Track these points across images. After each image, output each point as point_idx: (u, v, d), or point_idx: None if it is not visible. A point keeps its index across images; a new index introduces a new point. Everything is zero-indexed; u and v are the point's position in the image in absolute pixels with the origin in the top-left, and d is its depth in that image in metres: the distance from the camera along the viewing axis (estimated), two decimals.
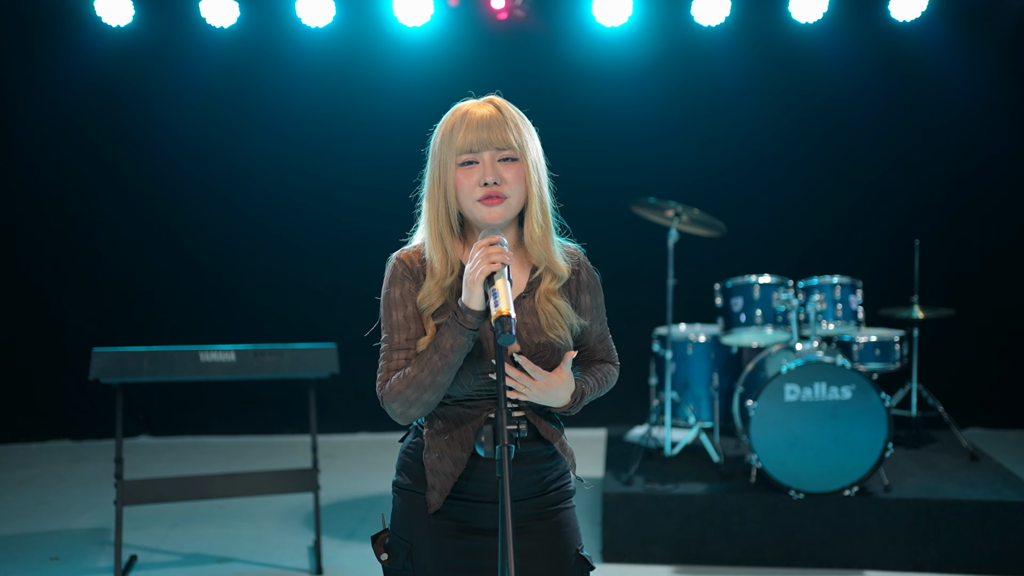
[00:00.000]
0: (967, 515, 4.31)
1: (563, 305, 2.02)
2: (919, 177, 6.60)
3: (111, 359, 4.14)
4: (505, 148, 1.96)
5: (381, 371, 1.99)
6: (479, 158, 1.96)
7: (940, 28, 6.39)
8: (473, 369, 1.96)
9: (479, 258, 1.85)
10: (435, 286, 1.98)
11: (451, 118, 2.01)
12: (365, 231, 6.41)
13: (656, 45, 6.47)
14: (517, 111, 2.02)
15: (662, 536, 4.43)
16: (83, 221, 6.68)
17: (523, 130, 1.99)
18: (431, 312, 1.98)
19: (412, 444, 2.09)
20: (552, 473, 2.08)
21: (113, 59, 6.43)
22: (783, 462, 4.40)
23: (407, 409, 1.95)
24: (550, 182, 2.06)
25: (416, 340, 1.98)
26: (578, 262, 2.11)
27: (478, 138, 1.95)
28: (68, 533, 4.82)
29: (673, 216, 5.06)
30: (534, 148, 2.01)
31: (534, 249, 2.01)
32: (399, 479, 2.09)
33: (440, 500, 1.99)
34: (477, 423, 1.98)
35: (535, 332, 1.99)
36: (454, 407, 2.00)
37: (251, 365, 4.28)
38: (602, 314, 2.16)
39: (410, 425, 2.12)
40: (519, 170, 1.97)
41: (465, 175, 1.97)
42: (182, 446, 6.64)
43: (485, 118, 1.97)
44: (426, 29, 6.28)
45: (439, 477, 1.99)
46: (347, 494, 5.46)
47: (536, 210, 1.99)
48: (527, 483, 2.03)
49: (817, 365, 4.41)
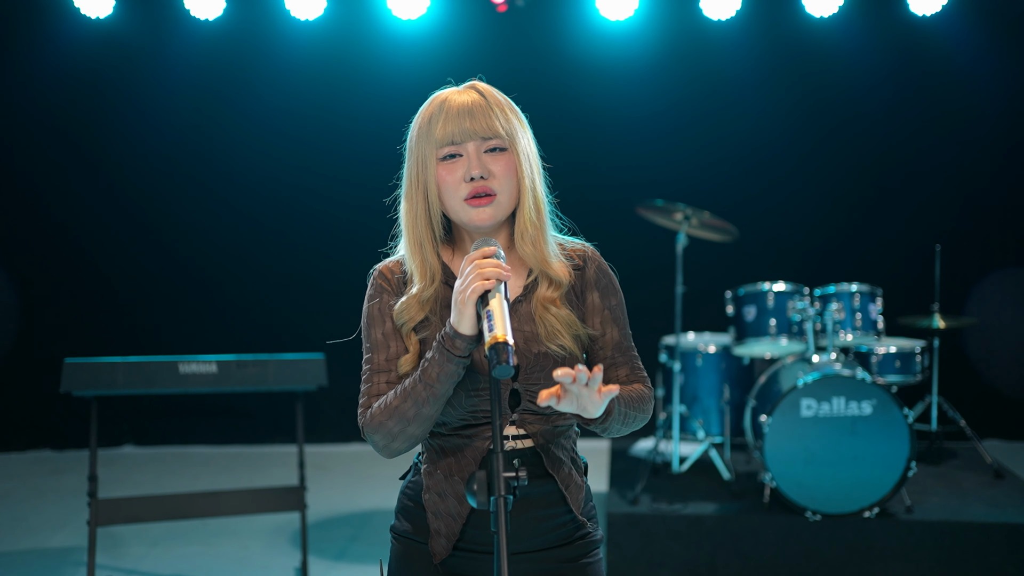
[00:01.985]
0: (995, 539, 4.15)
1: (564, 314, 1.75)
2: (939, 179, 6.40)
3: (84, 370, 3.99)
4: (492, 137, 1.71)
5: (362, 396, 1.75)
6: (462, 150, 1.71)
7: (962, 23, 6.21)
8: (464, 387, 1.70)
9: (471, 273, 1.59)
10: (413, 299, 1.73)
11: (428, 108, 1.76)
12: (359, 229, 6.18)
13: (663, 40, 6.32)
14: (503, 96, 1.77)
15: (670, 559, 4.27)
16: (64, 221, 6.51)
17: (511, 116, 1.74)
18: (411, 327, 1.73)
19: (412, 484, 1.83)
20: (573, 518, 1.79)
21: (93, 52, 6.28)
22: (799, 481, 4.24)
23: (390, 442, 1.70)
24: (545, 175, 1.81)
25: (397, 360, 1.73)
26: (584, 257, 1.83)
27: (460, 127, 1.70)
28: (41, 553, 4.62)
29: (682, 219, 4.91)
30: (524, 137, 1.76)
31: (525, 250, 1.74)
32: (397, 524, 1.84)
33: (448, 547, 1.74)
34: (479, 453, 1.72)
35: (533, 341, 1.72)
36: (451, 437, 1.75)
37: (233, 377, 4.12)
38: (620, 320, 1.84)
39: (411, 460, 1.88)
40: (509, 161, 1.71)
41: (448, 171, 1.71)
42: (167, 457, 6.46)
43: (467, 105, 1.71)
44: (421, 22, 6.15)
45: (444, 520, 1.74)
46: (337, 510, 5.27)
47: (529, 206, 1.73)
48: (541, 531, 1.76)
49: (835, 379, 4.23)
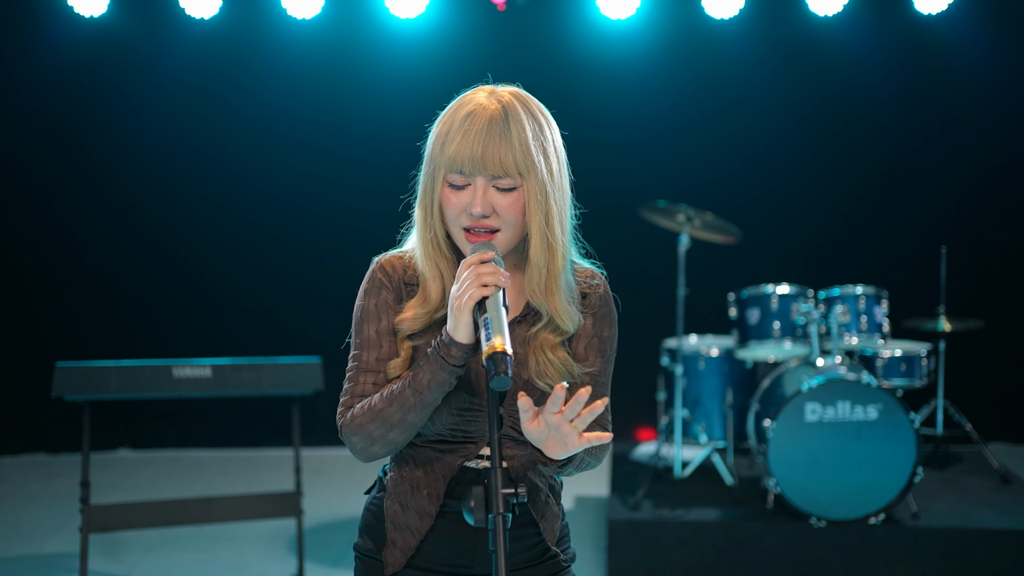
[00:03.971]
0: (1004, 546, 4.07)
1: (559, 360, 1.67)
2: (945, 179, 6.33)
3: (76, 375, 3.94)
4: (502, 176, 1.61)
5: (344, 395, 1.67)
6: (471, 181, 1.62)
7: (968, 21, 6.13)
8: (449, 405, 1.62)
9: (467, 279, 1.52)
10: (425, 315, 1.65)
11: (452, 114, 1.66)
12: (356, 232, 6.16)
13: (665, 39, 6.25)
14: (532, 116, 1.67)
15: (672, 566, 4.20)
16: (58, 222, 6.42)
17: (531, 147, 1.62)
18: (407, 334, 1.66)
19: (376, 499, 1.76)
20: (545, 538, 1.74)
21: (87, 52, 6.18)
22: (803, 487, 4.18)
23: (368, 446, 1.63)
24: (573, 209, 1.70)
25: (387, 361, 1.66)
26: (591, 284, 1.75)
27: (472, 157, 1.59)
28: (33, 560, 4.54)
29: (684, 221, 4.83)
30: (545, 169, 1.63)
31: (533, 296, 1.66)
32: (360, 542, 1.77)
33: (402, 559, 1.67)
34: (450, 470, 1.65)
35: (522, 366, 1.65)
36: (424, 449, 1.68)
37: (229, 381, 4.06)
38: (606, 353, 1.75)
39: (377, 474, 1.81)
40: (517, 199, 1.61)
41: (454, 195, 1.63)
42: (163, 461, 6.38)
43: (484, 129, 1.60)
44: (420, 21, 6.08)
45: (401, 532, 1.68)
46: (334, 515, 5.18)
47: (537, 249, 1.63)
48: (514, 550, 1.70)
49: (840, 383, 4.17)
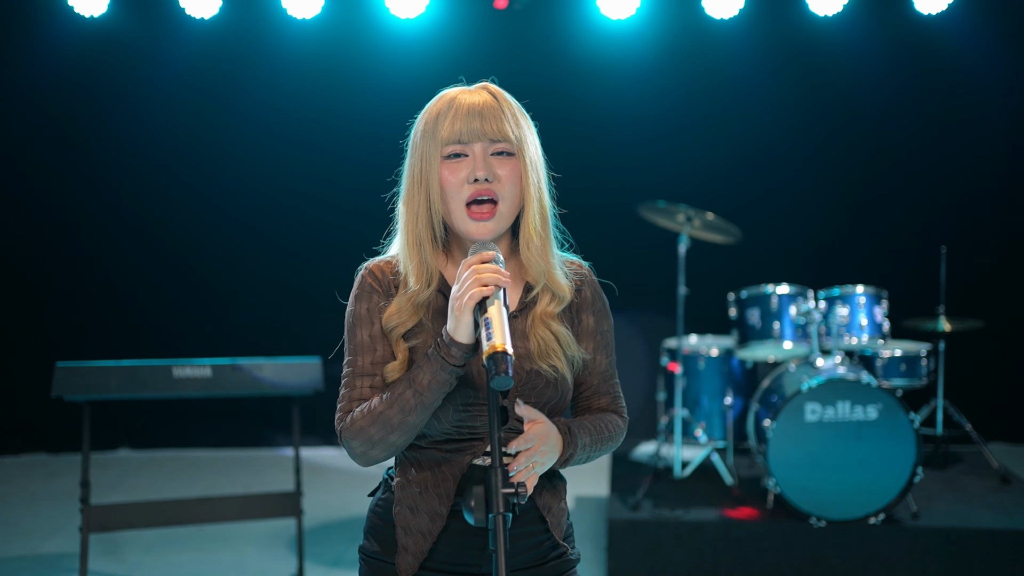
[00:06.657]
0: (1003, 546, 4.07)
1: (563, 332, 1.69)
2: (946, 179, 6.32)
3: (76, 375, 3.98)
4: (500, 140, 1.64)
5: (342, 400, 1.67)
6: (468, 150, 1.65)
7: (968, 21, 6.13)
8: (454, 401, 1.63)
9: (468, 279, 1.52)
10: (407, 301, 1.66)
11: (436, 105, 1.69)
12: (355, 232, 6.09)
13: (665, 39, 6.25)
14: (515, 101, 1.72)
15: (672, 566, 4.19)
16: (57, 222, 6.42)
17: (521, 122, 1.68)
18: (401, 332, 1.67)
19: (381, 500, 1.76)
20: (550, 537, 1.74)
21: (87, 52, 6.19)
22: (803, 487, 4.18)
23: (369, 450, 1.63)
24: (551, 186, 1.74)
25: (383, 364, 1.67)
26: (582, 278, 1.77)
27: (468, 127, 1.63)
28: (33, 560, 4.53)
29: (684, 221, 4.83)
30: (533, 144, 1.70)
31: (532, 263, 1.68)
32: (366, 544, 1.77)
33: (415, 565, 1.67)
34: (459, 469, 1.65)
35: (525, 359, 1.66)
36: (430, 450, 1.67)
37: (228, 381, 4.07)
38: (609, 346, 1.79)
39: (381, 476, 1.80)
40: (515, 167, 1.65)
41: (451, 170, 1.65)
42: (163, 460, 6.38)
43: (477, 105, 1.65)
44: (420, 21, 6.08)
45: (413, 537, 1.67)
46: (334, 515, 5.18)
47: (534, 216, 1.67)
48: (517, 550, 1.69)
49: (840, 383, 4.18)
